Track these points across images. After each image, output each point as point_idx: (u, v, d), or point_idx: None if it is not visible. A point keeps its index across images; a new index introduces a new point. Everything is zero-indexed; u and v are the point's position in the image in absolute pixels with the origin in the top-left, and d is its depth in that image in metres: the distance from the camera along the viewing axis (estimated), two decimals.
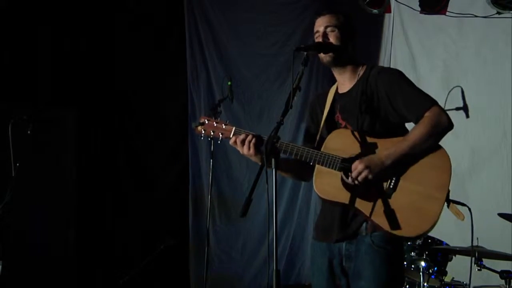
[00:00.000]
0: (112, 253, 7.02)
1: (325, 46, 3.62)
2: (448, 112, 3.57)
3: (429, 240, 5.25)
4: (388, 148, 3.47)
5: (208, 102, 7.19)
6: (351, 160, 3.48)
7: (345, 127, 3.64)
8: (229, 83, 6.32)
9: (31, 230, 6.30)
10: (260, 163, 3.51)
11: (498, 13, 6.07)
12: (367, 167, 3.41)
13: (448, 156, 3.48)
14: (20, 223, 6.02)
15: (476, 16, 6.24)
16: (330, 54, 3.63)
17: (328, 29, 3.65)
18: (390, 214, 3.44)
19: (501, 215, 5.21)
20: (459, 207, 3.62)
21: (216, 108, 6.08)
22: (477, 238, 5.05)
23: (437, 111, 3.50)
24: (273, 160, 3.22)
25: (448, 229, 4.80)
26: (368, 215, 3.47)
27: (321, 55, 3.64)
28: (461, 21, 6.38)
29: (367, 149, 3.51)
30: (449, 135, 3.51)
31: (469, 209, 4.10)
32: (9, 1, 6.39)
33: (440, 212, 3.44)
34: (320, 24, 3.69)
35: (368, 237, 3.52)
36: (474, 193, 6.13)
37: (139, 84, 7.17)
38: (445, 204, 3.49)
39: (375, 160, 3.44)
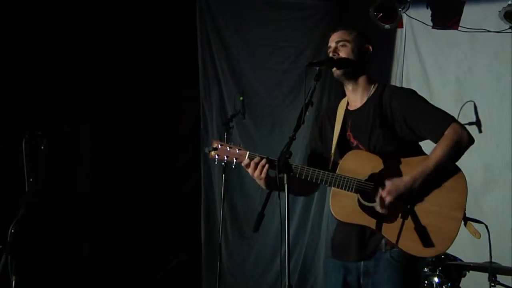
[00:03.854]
0: (125, 267, 7.02)
1: (337, 61, 3.62)
2: None
3: (443, 256, 5.22)
4: (411, 172, 3.46)
5: (220, 117, 7.19)
6: (369, 181, 3.48)
7: (357, 146, 3.64)
8: (241, 98, 6.33)
9: (44, 244, 6.30)
10: (265, 187, 3.60)
11: (511, 28, 6.05)
12: (393, 195, 3.41)
13: (465, 177, 3.50)
14: (34, 238, 6.01)
15: (488, 31, 6.22)
16: (338, 72, 3.65)
17: (340, 44, 3.66)
18: (408, 236, 3.44)
19: None
20: (475, 225, 3.62)
21: (228, 123, 6.09)
22: (491, 254, 5.01)
23: (457, 128, 3.50)
24: (285, 176, 3.21)
25: (462, 245, 4.76)
26: (384, 234, 3.47)
27: (334, 70, 3.65)
28: (473, 36, 6.37)
29: (387, 171, 3.51)
30: None
31: (486, 226, 4.08)
32: (27, 14, 6.43)
33: (457, 232, 3.46)
34: (333, 40, 3.70)
35: (388, 253, 3.53)
36: (487, 209, 6.09)
37: (152, 98, 7.20)
38: (462, 223, 3.50)
39: (400, 186, 3.43)
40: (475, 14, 6.34)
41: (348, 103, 3.77)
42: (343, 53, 3.64)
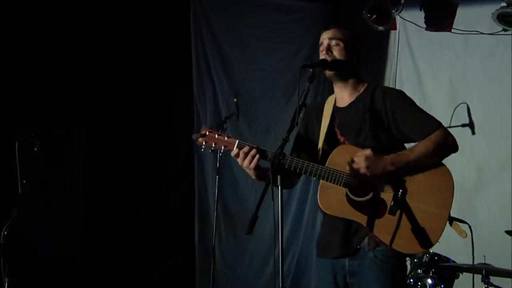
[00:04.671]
0: (119, 269, 7.00)
1: (330, 63, 3.62)
2: (454, 129, 3.61)
3: (436, 258, 5.23)
4: (393, 154, 3.49)
5: (214, 118, 7.18)
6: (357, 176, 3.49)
7: (343, 142, 3.64)
8: (235, 99, 6.33)
9: (38, 247, 6.28)
10: (255, 178, 3.57)
11: (504, 30, 6.07)
12: (367, 162, 3.42)
13: (451, 176, 3.52)
14: (27, 241, 6.00)
15: (482, 33, 6.24)
16: (331, 72, 3.64)
17: (333, 42, 3.65)
18: (394, 231, 3.46)
19: (509, 232, 5.19)
20: (460, 224, 3.64)
21: (222, 125, 6.09)
22: (484, 256, 5.03)
23: (444, 132, 3.55)
24: (278, 177, 3.21)
25: (455, 246, 4.79)
26: (372, 231, 3.47)
27: (327, 70, 3.65)
28: (467, 38, 6.39)
29: None
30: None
31: (469, 226, 4.10)
32: (21, 16, 6.42)
33: (442, 231, 3.49)
34: (325, 37, 3.69)
35: (371, 252, 3.54)
36: (480, 210, 6.12)
37: (146, 99, 7.18)
38: (447, 223, 3.52)
39: (378, 160, 3.44)
40: (469, 16, 6.35)
41: (336, 100, 3.78)
42: (335, 52, 3.64)
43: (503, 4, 5.91)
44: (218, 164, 6.29)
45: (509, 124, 6.08)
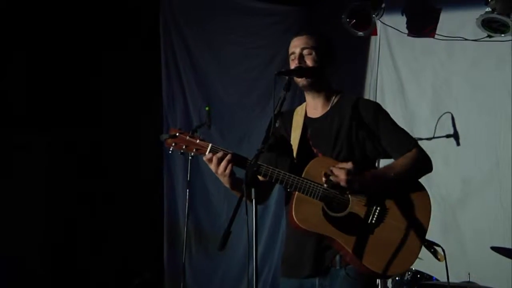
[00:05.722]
0: (85, 286, 6.93)
1: (307, 70, 3.62)
2: (438, 139, 3.62)
3: (419, 275, 5.25)
4: (373, 170, 3.54)
5: (184, 128, 7.13)
6: (335, 189, 3.49)
7: (317, 154, 3.64)
8: (207, 108, 6.32)
9: None
10: (229, 187, 3.55)
11: (489, 36, 6.12)
12: (348, 175, 3.41)
13: (429, 197, 3.57)
14: None
15: (466, 40, 6.29)
16: (305, 82, 3.64)
17: (305, 51, 3.64)
18: (368, 249, 3.48)
19: (495, 248, 5.22)
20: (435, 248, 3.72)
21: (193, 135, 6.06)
22: (469, 273, 5.06)
23: (421, 150, 3.61)
24: (253, 190, 3.18)
25: (438, 264, 4.79)
26: (346, 247, 3.47)
27: (297, 79, 3.65)
28: (450, 44, 6.43)
29: None
30: (439, 164, 3.56)
31: (443, 250, 4.13)
32: None
33: (418, 253, 3.53)
34: (296, 45, 3.68)
35: (342, 270, 3.53)
36: (465, 224, 6.16)
37: (113, 109, 7.13)
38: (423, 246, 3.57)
39: (359, 175, 3.44)
40: (452, 22, 6.40)
41: (306, 110, 3.78)
42: (308, 61, 3.64)
43: (488, 9, 5.96)
44: (189, 176, 6.27)
45: (495, 134, 6.13)
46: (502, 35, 6.05)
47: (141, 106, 7.27)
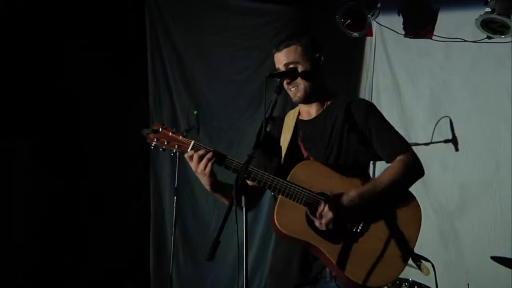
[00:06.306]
0: None
1: (301, 72, 3.62)
2: (436, 144, 3.60)
3: (416, 286, 5.23)
4: (358, 187, 3.48)
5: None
6: (320, 194, 3.47)
7: (307, 157, 3.63)
8: (195, 112, 6.31)
9: None
10: (209, 188, 3.54)
11: (489, 37, 6.11)
12: (335, 210, 3.39)
13: (420, 209, 3.56)
14: None
15: (465, 41, 6.28)
16: (299, 94, 3.63)
17: (290, 66, 3.65)
18: (352, 259, 3.45)
19: (494, 258, 5.21)
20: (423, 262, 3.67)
21: None
22: (468, 284, 5.04)
23: (412, 156, 3.58)
24: (243, 198, 3.16)
25: (437, 271, 4.79)
26: (328, 255, 3.44)
27: (292, 92, 3.65)
28: (448, 45, 6.43)
29: (338, 186, 3.50)
30: (437, 170, 3.54)
31: (433, 265, 4.13)
32: None
33: (405, 265, 3.51)
34: (280, 62, 3.69)
35: (332, 282, 3.53)
36: (464, 232, 6.15)
37: (99, 113, 7.09)
38: (410, 258, 3.55)
39: (344, 200, 3.43)
40: (450, 22, 6.40)
41: (299, 113, 3.78)
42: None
43: (487, 9, 5.95)
44: (176, 183, 6.25)
45: (495, 139, 6.13)
46: (502, 36, 6.04)
47: (126, 110, 7.23)
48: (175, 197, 6.24)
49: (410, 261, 3.57)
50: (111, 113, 7.12)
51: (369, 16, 6.50)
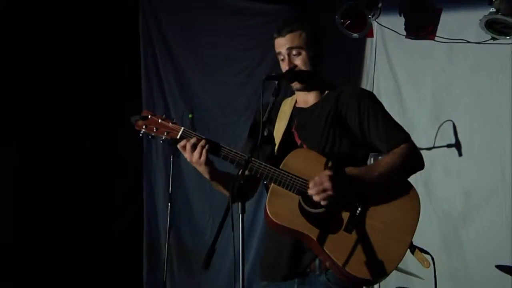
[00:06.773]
0: None
1: (298, 74, 3.61)
2: (438, 149, 3.58)
3: None
4: (355, 171, 3.45)
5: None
6: None
7: (301, 145, 3.62)
8: (190, 115, 6.29)
9: None
10: (208, 177, 3.53)
11: (493, 38, 6.10)
12: (331, 182, 3.34)
13: (419, 199, 3.53)
14: None
15: (468, 42, 6.29)
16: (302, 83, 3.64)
17: (293, 52, 3.63)
18: (347, 250, 3.42)
19: (500, 267, 5.20)
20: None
21: (175, 144, 6.03)
22: None
23: (412, 146, 3.57)
24: (239, 204, 3.14)
25: (441, 281, 4.77)
26: (322, 246, 3.41)
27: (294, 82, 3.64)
28: (451, 47, 6.43)
29: None
30: (440, 176, 3.52)
31: (432, 258, 4.12)
32: None
33: (402, 257, 3.47)
34: (282, 46, 3.66)
35: (323, 275, 3.51)
36: (468, 240, 6.13)
37: (89, 116, 7.09)
38: (409, 250, 3.51)
39: (340, 178, 3.38)
40: (453, 23, 6.40)
41: (296, 101, 3.78)
42: (299, 63, 3.63)
43: (492, 10, 5.95)
44: (170, 189, 6.23)
45: (499, 144, 6.12)
46: (507, 37, 6.04)
47: (119, 113, 7.19)
48: (169, 203, 6.22)
49: (404, 268, 3.55)
50: (103, 118, 7.11)
51: (369, 16, 6.50)
